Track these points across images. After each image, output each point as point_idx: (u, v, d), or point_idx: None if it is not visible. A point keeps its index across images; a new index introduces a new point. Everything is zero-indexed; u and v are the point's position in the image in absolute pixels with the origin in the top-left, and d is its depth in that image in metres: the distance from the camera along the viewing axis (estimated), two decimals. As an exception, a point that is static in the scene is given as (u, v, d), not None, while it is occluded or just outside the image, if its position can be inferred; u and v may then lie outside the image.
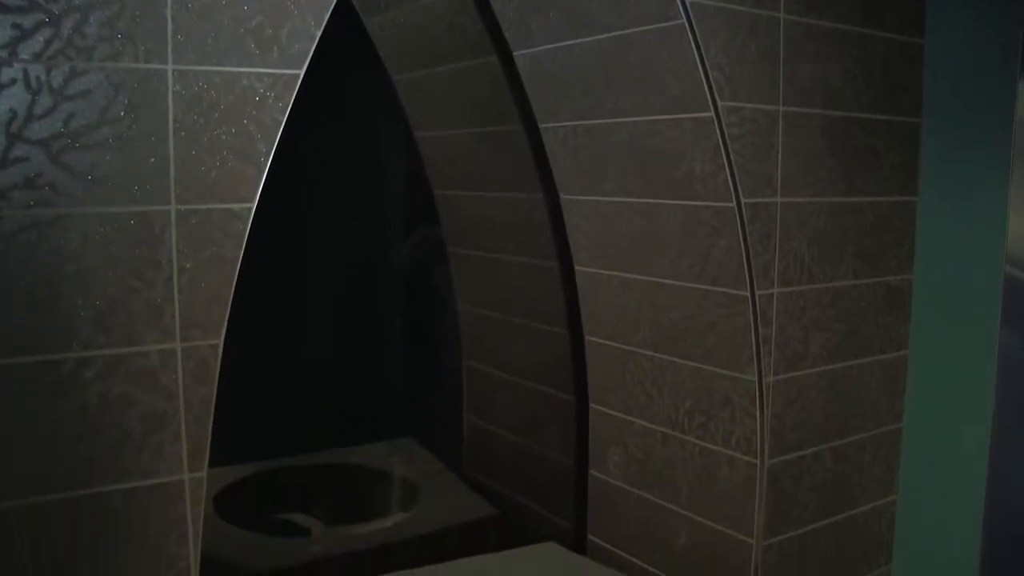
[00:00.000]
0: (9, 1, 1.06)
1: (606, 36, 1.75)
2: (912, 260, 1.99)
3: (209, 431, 1.26)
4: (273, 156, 1.26)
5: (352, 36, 2.49)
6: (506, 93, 2.23)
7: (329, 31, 1.29)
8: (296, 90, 1.26)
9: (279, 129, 1.25)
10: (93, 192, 1.13)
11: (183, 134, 1.18)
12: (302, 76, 1.26)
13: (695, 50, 1.60)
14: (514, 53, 1.99)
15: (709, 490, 1.84)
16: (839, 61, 1.79)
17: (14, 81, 1.07)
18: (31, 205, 1.10)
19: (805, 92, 1.74)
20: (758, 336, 1.71)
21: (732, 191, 1.66)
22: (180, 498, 1.25)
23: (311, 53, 1.26)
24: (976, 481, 1.88)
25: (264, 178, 1.25)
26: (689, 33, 1.59)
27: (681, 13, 1.58)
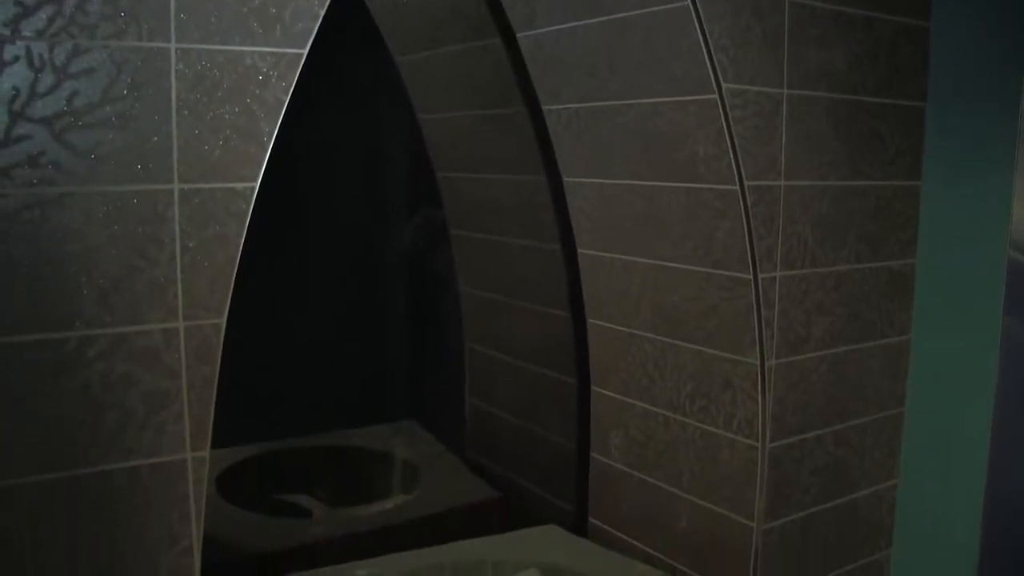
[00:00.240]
0: (12, -22, 1.05)
1: (610, 18, 1.74)
2: (915, 244, 1.99)
3: (211, 410, 1.26)
4: (276, 137, 1.26)
5: (355, 17, 2.48)
6: (509, 75, 2.22)
7: (332, 11, 1.28)
8: (299, 69, 1.25)
9: (282, 108, 1.25)
10: (96, 171, 1.13)
11: (186, 113, 1.18)
12: (305, 55, 1.26)
13: (699, 32, 1.59)
14: (517, 35, 1.98)
15: (710, 473, 1.84)
16: (844, 44, 1.78)
17: (17, 59, 1.07)
18: (34, 183, 1.10)
19: (810, 75, 1.74)
20: (760, 319, 1.71)
21: (735, 174, 1.65)
22: (182, 477, 1.25)
23: (315, 32, 1.25)
24: (977, 466, 1.88)
25: (267, 157, 1.25)
26: (693, 15, 1.58)
27: (686, -6, 1.58)
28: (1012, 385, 1.83)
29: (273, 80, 1.23)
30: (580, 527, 2.22)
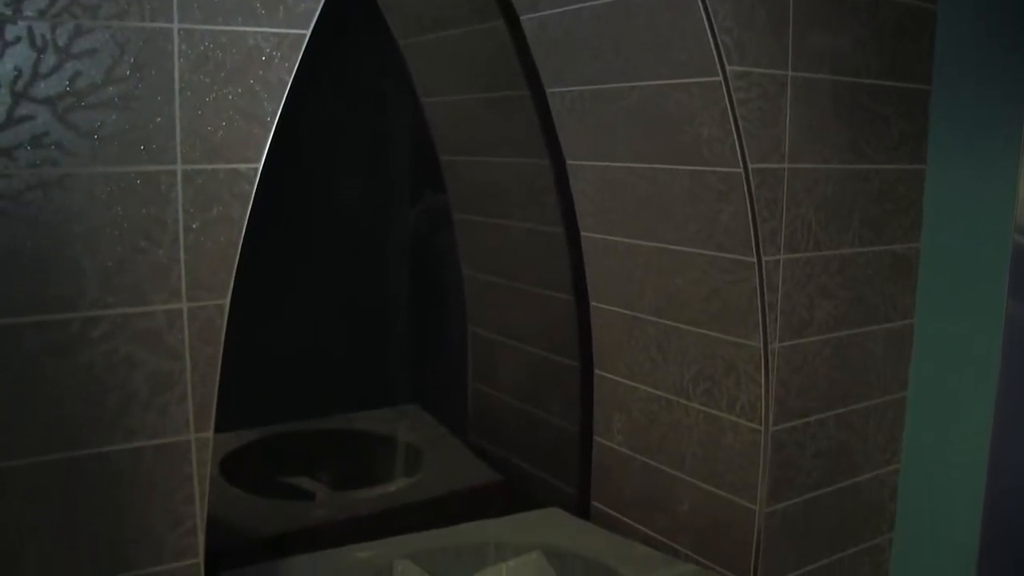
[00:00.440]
0: (13, -43, 1.05)
1: (614, -1, 1.74)
2: (919, 228, 1.99)
3: (215, 392, 1.26)
4: (279, 119, 1.25)
5: (358, -1, 2.48)
6: (512, 58, 2.21)
7: (335, -8, 1.28)
8: (302, 50, 1.25)
9: (285, 89, 1.24)
10: (99, 151, 1.13)
11: (189, 94, 1.18)
12: (308, 36, 1.25)
13: (704, 14, 1.58)
14: (521, 17, 1.97)
15: (713, 456, 1.85)
16: (849, 27, 1.77)
17: (19, 39, 1.07)
18: (37, 164, 1.10)
19: (814, 58, 1.73)
20: (764, 302, 1.71)
21: (739, 156, 1.65)
22: (186, 458, 1.25)
23: (317, 13, 1.25)
24: (979, 451, 1.88)
25: (271, 138, 1.24)
26: (698, -4, 1.58)
27: (690, -24, 1.57)
28: (1015, 369, 1.83)
29: (276, 61, 1.23)
30: (583, 510, 2.22)
